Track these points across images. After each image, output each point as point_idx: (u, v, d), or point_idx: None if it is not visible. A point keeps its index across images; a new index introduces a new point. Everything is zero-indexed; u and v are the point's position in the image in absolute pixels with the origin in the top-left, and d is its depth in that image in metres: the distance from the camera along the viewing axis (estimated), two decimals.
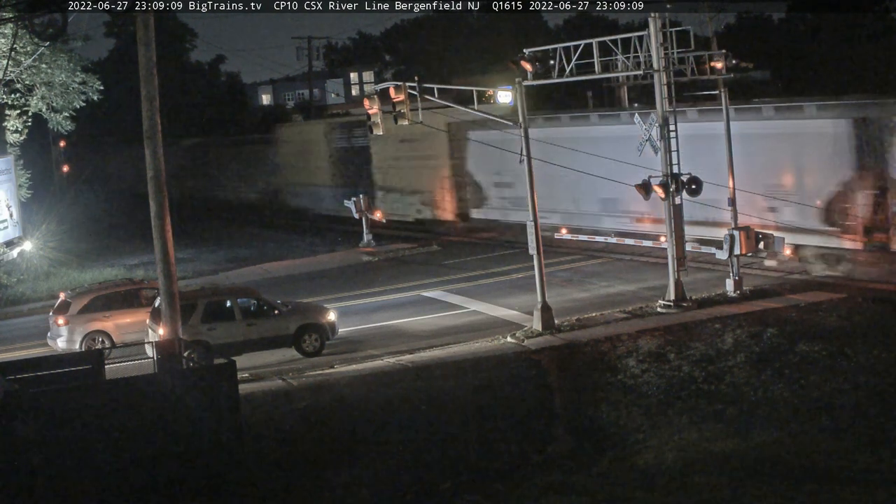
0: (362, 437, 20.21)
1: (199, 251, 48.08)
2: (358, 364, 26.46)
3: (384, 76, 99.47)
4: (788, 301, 28.65)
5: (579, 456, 18.73)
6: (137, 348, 25.99)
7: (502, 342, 27.36)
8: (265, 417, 21.79)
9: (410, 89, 29.10)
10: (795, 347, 23.56)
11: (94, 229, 55.40)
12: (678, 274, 29.02)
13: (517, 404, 21.90)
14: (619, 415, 20.62)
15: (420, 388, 23.28)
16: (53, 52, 39.69)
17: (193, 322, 26.60)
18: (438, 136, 41.21)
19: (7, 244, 40.71)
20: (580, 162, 32.34)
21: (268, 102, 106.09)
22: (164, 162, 22.92)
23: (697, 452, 18.17)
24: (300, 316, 28.13)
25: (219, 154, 71.00)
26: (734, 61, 30.27)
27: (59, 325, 29.60)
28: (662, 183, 28.49)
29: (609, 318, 28.59)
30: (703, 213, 31.87)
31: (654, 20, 28.05)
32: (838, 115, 30.56)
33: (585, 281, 34.45)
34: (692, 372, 22.73)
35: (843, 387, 20.85)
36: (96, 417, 17.30)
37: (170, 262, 23.02)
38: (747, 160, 31.47)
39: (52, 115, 41.97)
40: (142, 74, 22.63)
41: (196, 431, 17.81)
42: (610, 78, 37.38)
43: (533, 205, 28.20)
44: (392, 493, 17.48)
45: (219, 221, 61.63)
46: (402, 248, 44.46)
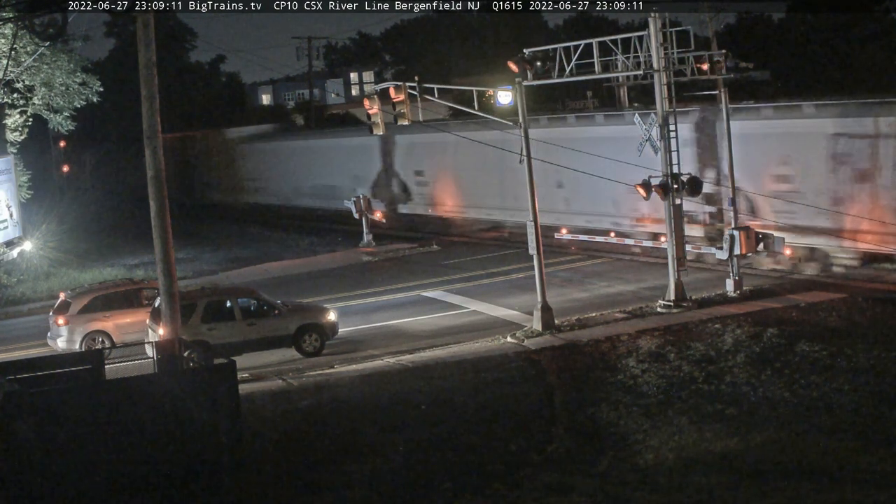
0: (362, 437, 20.20)
1: (199, 251, 48.10)
2: (358, 364, 26.46)
3: (384, 76, 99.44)
4: (788, 301, 28.65)
5: (579, 456, 18.72)
6: (137, 348, 25.96)
7: (502, 342, 27.36)
8: (265, 417, 21.79)
9: (410, 89, 29.13)
10: (795, 347, 23.55)
11: (94, 229, 55.41)
12: (678, 274, 29.03)
13: (517, 404, 21.89)
14: (619, 415, 20.60)
15: (420, 388, 23.28)
16: (53, 52, 39.73)
17: (193, 322, 26.60)
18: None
19: (7, 244, 40.72)
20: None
21: (268, 102, 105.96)
22: (164, 162, 22.94)
23: (697, 452, 18.16)
24: (300, 316, 28.13)
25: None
26: (734, 61, 30.27)
27: (59, 325, 29.60)
28: (662, 183, 28.51)
29: (609, 318, 28.59)
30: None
31: (654, 20, 28.05)
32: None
33: (585, 281, 34.45)
34: (692, 372, 22.73)
35: (843, 387, 20.84)
36: (96, 417, 17.29)
37: (170, 262, 23.02)
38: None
39: (52, 115, 41.99)
40: (142, 74, 22.61)
41: (196, 431, 17.80)
42: (610, 78, 37.41)
43: (533, 205, 28.20)
44: (392, 493, 17.47)
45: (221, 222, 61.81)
46: (402, 248, 44.48)
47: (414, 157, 48.97)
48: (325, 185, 55.82)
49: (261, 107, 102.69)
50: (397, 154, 50.11)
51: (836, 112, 30.51)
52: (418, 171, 48.88)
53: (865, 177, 29.41)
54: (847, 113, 30.20)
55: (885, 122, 28.86)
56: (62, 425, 17.09)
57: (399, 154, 49.99)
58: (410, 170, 49.40)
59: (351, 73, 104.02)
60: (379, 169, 51.39)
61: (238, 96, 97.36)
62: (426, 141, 45.78)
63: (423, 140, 46.06)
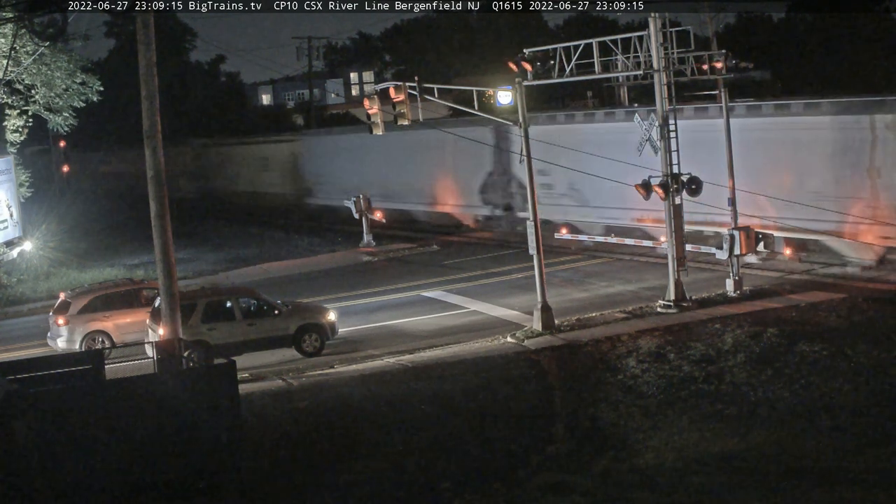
0: (362, 437, 20.20)
1: (199, 251, 48.09)
2: (358, 364, 26.46)
3: (384, 76, 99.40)
4: (788, 301, 28.65)
5: (579, 456, 18.72)
6: (137, 348, 25.97)
7: (502, 342, 27.36)
8: (265, 417, 21.79)
9: (410, 89, 29.13)
10: (795, 347, 23.55)
11: (94, 229, 55.38)
12: (678, 274, 29.02)
13: (517, 404, 21.90)
14: (619, 415, 20.61)
15: (420, 388, 23.28)
16: (53, 52, 39.67)
17: (193, 322, 26.60)
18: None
19: (7, 244, 40.69)
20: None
21: (268, 103, 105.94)
22: (164, 162, 22.94)
23: (697, 452, 18.16)
24: (300, 316, 28.13)
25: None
26: (734, 61, 30.27)
27: (59, 325, 29.59)
28: (662, 183, 28.50)
29: (609, 318, 28.59)
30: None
31: (654, 20, 28.04)
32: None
33: (585, 281, 34.45)
34: (692, 372, 22.73)
35: (843, 387, 20.84)
36: (96, 417, 17.28)
37: (170, 262, 23.02)
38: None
39: (52, 115, 41.96)
40: (142, 74, 22.62)
41: (196, 431, 17.79)
42: (610, 78, 37.37)
43: (533, 204, 28.18)
44: (392, 492, 17.48)
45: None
46: (402, 248, 44.48)
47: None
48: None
49: (261, 107, 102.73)
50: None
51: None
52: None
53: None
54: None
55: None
56: (62, 425, 17.07)
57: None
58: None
59: (351, 73, 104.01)
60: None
61: (238, 96, 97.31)
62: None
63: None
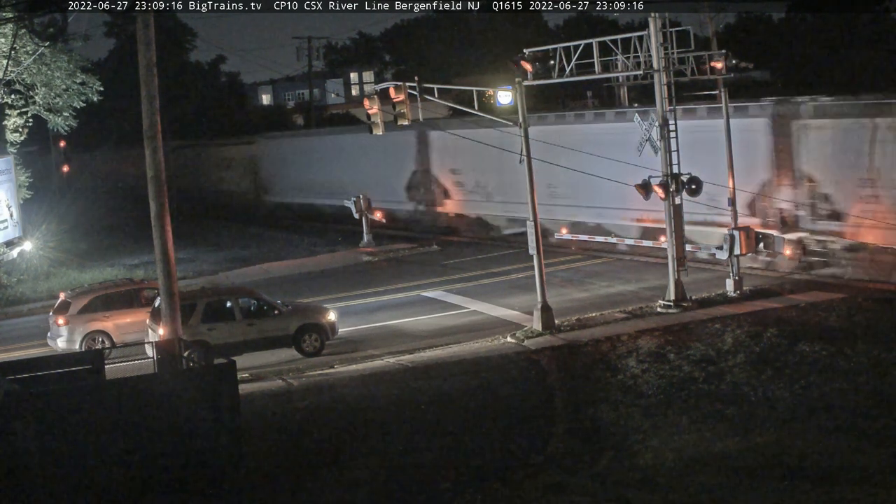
0: (362, 437, 20.20)
1: (199, 251, 48.08)
2: (358, 364, 26.46)
3: (384, 76, 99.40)
4: (788, 301, 28.65)
5: (579, 456, 18.71)
6: (137, 348, 25.97)
7: (502, 342, 27.35)
8: (265, 417, 21.79)
9: (410, 89, 29.13)
10: (795, 347, 23.55)
11: (94, 229, 55.39)
12: (678, 274, 29.02)
13: (517, 404, 21.90)
14: (618, 415, 20.60)
15: (420, 388, 23.28)
16: (53, 52, 39.69)
17: (193, 322, 26.60)
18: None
19: (7, 244, 40.69)
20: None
21: (268, 102, 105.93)
22: (164, 162, 22.94)
23: (697, 452, 18.16)
24: (300, 316, 28.13)
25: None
26: (734, 61, 30.28)
27: (59, 325, 29.59)
28: (662, 183, 28.50)
29: (609, 318, 28.59)
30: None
31: (654, 20, 28.05)
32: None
33: (585, 281, 34.44)
34: (692, 372, 22.72)
35: (843, 387, 20.84)
36: (96, 417, 17.28)
37: (170, 262, 23.02)
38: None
39: (52, 115, 41.96)
40: (142, 74, 22.62)
41: (196, 431, 17.79)
42: (610, 78, 37.36)
43: (533, 204, 28.17)
44: (392, 492, 17.47)
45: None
46: (402, 248, 44.48)
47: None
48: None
49: (261, 107, 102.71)
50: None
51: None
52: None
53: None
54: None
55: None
56: (62, 425, 17.07)
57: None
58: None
59: (351, 73, 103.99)
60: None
61: (238, 96, 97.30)
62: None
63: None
